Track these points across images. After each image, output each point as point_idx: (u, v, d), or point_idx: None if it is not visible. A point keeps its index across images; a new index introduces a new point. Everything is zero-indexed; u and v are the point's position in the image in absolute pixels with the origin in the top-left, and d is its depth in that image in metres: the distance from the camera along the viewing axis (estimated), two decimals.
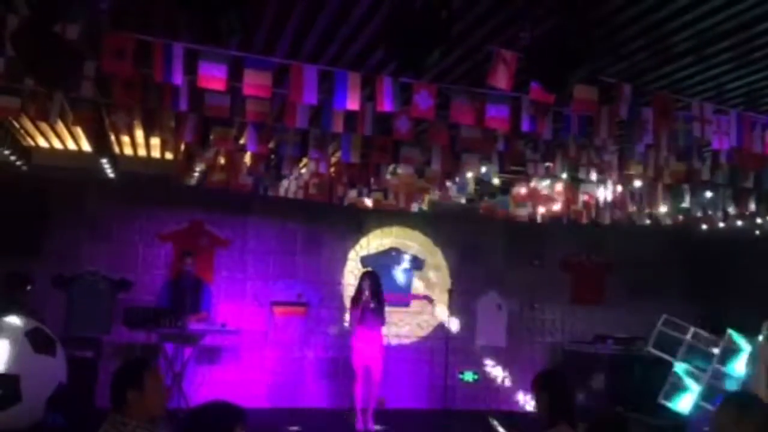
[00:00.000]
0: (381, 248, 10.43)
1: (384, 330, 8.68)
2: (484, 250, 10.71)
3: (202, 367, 8.81)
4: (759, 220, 8.80)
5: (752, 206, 8.02)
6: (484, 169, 7.14)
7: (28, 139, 7.97)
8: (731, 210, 8.18)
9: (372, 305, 8.31)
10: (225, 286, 9.56)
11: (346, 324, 9.50)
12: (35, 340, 6.25)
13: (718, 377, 8.31)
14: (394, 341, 10.08)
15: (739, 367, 8.19)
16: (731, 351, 8.41)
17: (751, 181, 7.14)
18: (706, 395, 8.10)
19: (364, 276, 8.68)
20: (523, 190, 8.45)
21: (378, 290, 8.49)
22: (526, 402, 10.11)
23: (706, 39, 4.37)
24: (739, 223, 8.70)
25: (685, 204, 7.96)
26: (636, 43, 4.52)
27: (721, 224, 8.77)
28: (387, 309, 8.75)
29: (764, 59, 4.63)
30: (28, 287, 8.12)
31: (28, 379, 6.03)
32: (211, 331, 8.26)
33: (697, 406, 8.14)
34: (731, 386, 8.03)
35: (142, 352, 7.82)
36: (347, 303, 9.82)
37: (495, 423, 4.74)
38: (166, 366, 7.77)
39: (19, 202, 8.64)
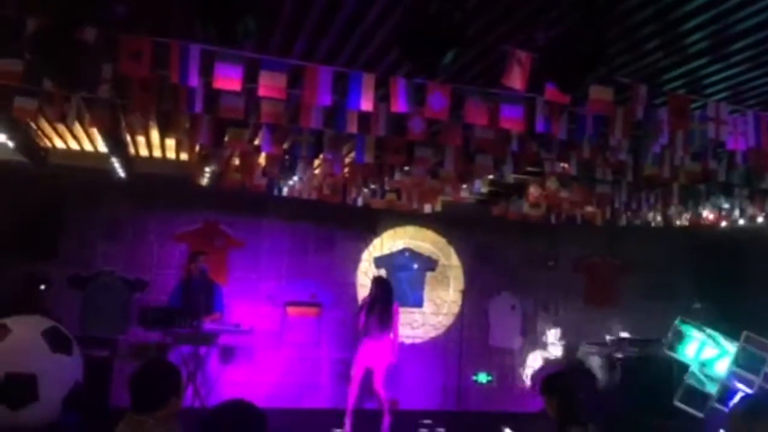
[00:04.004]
0: (394, 249, 10.44)
1: (394, 339, 8.54)
2: (498, 250, 10.70)
3: (216, 367, 8.85)
4: None
5: None
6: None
7: (45, 140, 8.04)
8: (748, 210, 8.13)
9: (376, 315, 8.24)
10: (239, 286, 9.60)
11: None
12: (52, 340, 6.29)
13: (735, 379, 8.25)
14: (407, 342, 10.08)
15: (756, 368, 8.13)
16: (747, 352, 8.35)
17: (767, 182, 7.09)
18: (722, 397, 8.05)
19: (373, 282, 8.66)
20: (537, 191, 8.42)
21: (386, 299, 8.38)
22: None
23: (724, 38, 4.34)
24: (760, 220, 8.61)
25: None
26: (652, 43, 4.49)
27: (741, 221, 8.68)
28: (400, 310, 8.71)
29: None
30: (42, 287, 8.19)
31: (45, 378, 6.07)
32: (225, 331, 8.29)
33: (712, 408, 8.09)
34: (747, 388, 7.97)
35: (157, 352, 7.86)
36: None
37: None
38: (181, 365, 7.80)
39: (35, 202, 8.72)
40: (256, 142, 7.06)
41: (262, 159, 7.64)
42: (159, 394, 3.23)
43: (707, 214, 8.57)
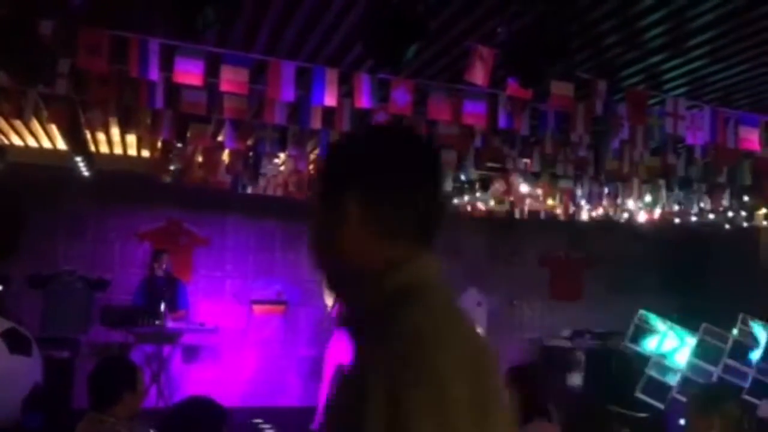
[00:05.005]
0: None
1: None
2: (464, 246, 10.73)
3: (181, 366, 8.75)
4: (731, 214, 8.93)
5: (725, 201, 8.14)
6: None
7: (2, 137, 7.87)
8: (706, 205, 8.31)
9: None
10: (204, 284, 9.50)
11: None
12: (10, 341, 6.15)
13: (695, 370, 8.43)
14: None
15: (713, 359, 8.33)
16: (706, 344, 8.54)
17: (724, 177, 7.25)
18: (682, 388, 8.21)
19: None
20: (501, 187, 8.50)
21: None
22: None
23: (682, 33, 4.42)
24: (712, 216, 8.82)
25: (661, 199, 8.06)
26: (611, 39, 4.56)
27: (694, 218, 8.88)
28: None
29: (742, 53, 4.69)
30: (0, 287, 8.02)
31: (4, 379, 5.93)
32: (189, 329, 8.21)
33: (673, 399, 8.25)
34: (706, 379, 8.15)
35: (120, 351, 7.75)
36: (327, 301, 9.81)
37: None
38: (144, 365, 7.70)
39: None
40: (220, 138, 7.00)
41: (225, 155, 7.57)
42: (111, 389, 3.19)
43: (667, 209, 8.73)
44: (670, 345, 8.96)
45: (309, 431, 8.17)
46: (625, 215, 9.22)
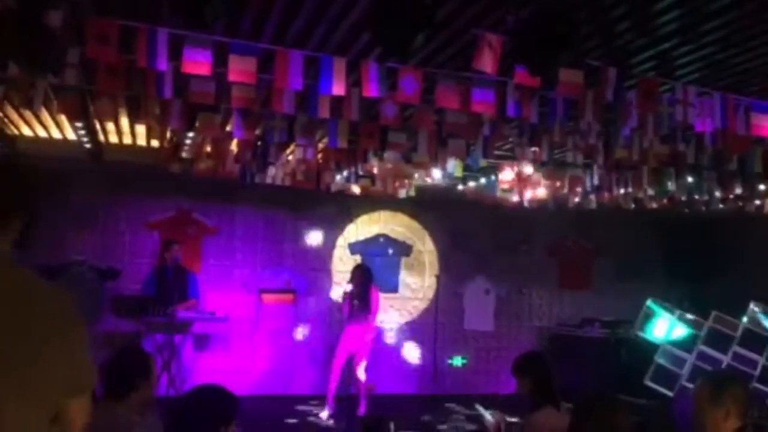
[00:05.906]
0: (369, 235, 10.44)
1: (374, 322, 8.59)
2: (473, 235, 10.74)
3: (191, 355, 8.80)
4: (741, 203, 8.88)
5: (737, 189, 8.09)
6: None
7: (12, 127, 7.90)
8: (716, 193, 8.25)
9: (357, 301, 8.29)
10: (213, 273, 9.54)
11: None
12: None
13: (703, 358, 8.42)
14: (383, 327, 10.11)
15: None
16: (716, 332, 8.52)
17: (735, 164, 7.20)
18: (691, 376, 8.21)
19: (353, 270, 8.70)
20: (509, 175, 8.48)
21: (366, 284, 8.43)
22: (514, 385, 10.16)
23: (694, 19, 4.38)
24: (722, 205, 8.76)
25: (671, 187, 8.01)
26: (623, 25, 4.52)
27: (703, 208, 8.83)
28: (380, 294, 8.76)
29: (755, 38, 4.63)
30: None
31: None
32: (199, 318, 8.25)
33: (682, 387, 8.25)
34: (715, 367, 8.14)
35: (134, 341, 7.79)
36: (333, 295, 9.85)
37: (480, 408, 4.79)
38: (155, 354, 7.73)
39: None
40: (228, 128, 7.00)
41: (234, 145, 7.58)
42: (127, 378, 3.22)
43: (676, 197, 8.69)
44: (680, 333, 8.95)
45: (317, 418, 8.23)
46: (635, 203, 9.18)
